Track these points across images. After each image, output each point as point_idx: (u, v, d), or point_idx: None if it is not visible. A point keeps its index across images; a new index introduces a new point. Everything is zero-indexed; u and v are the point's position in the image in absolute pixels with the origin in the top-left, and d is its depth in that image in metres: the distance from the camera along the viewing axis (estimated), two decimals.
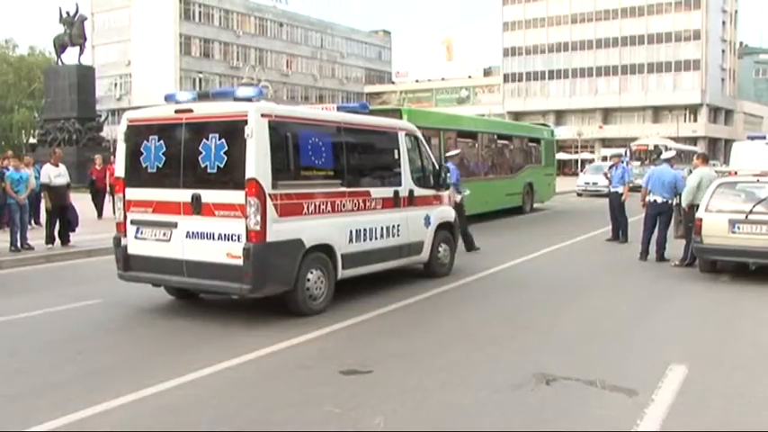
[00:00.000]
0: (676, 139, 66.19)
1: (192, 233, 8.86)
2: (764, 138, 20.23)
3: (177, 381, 6.35)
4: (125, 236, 9.58)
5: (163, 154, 9.23)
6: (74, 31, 44.61)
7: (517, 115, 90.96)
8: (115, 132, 12.44)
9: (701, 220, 11.87)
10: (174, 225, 9.02)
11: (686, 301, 10.37)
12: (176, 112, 9.18)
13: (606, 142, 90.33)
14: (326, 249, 9.44)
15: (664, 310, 9.70)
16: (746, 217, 11.41)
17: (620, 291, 11.19)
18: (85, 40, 46.74)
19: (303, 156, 9.24)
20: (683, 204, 13.11)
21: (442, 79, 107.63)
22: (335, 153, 9.80)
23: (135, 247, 9.49)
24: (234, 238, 8.51)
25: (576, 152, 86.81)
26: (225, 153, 8.64)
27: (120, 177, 9.74)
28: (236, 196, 8.48)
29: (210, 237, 8.70)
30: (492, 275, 12.51)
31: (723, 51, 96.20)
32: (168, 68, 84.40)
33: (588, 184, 39.21)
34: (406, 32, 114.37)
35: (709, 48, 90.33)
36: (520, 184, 25.71)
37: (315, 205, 9.28)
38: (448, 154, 16.68)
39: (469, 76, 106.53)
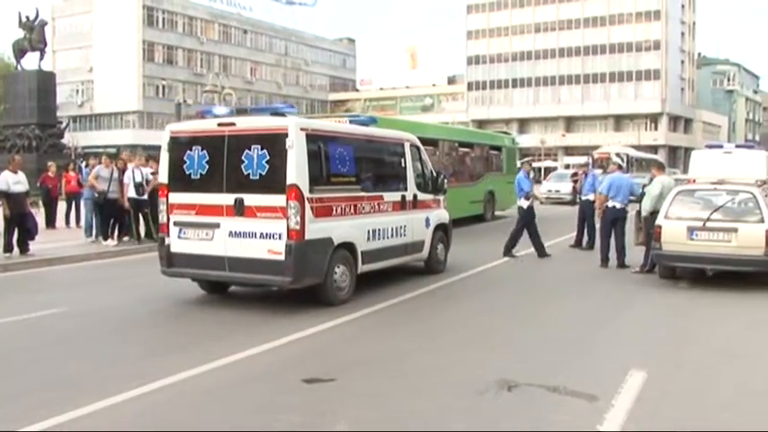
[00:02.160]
0: (638, 147, 66.74)
1: (235, 232, 9.91)
2: (722, 146, 20.55)
3: (139, 390, 6.29)
4: (168, 236, 10.56)
5: (206, 162, 10.23)
6: (34, 35, 43.95)
7: (481, 123, 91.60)
8: (77, 139, 12.71)
9: (660, 227, 12.05)
10: (217, 225, 10.05)
11: (646, 307, 10.51)
12: (219, 125, 10.21)
13: (569, 150, 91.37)
14: (350, 247, 10.67)
15: (624, 316, 9.82)
16: (704, 224, 11.62)
17: (582, 297, 11.31)
18: (46, 45, 46.08)
19: (332, 164, 10.45)
20: (644, 212, 13.31)
21: (407, 87, 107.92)
22: (356, 161, 11.07)
23: (178, 245, 10.48)
24: (275, 236, 9.63)
25: (540, 160, 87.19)
26: (267, 162, 9.73)
27: (164, 183, 10.71)
28: (277, 200, 9.61)
29: (252, 235, 9.80)
30: (456, 282, 12.62)
31: (682, 62, 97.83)
32: (131, 75, 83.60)
33: (551, 191, 39.52)
34: (370, 40, 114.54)
35: (668, 58, 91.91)
36: (481, 192, 25.61)
37: (341, 208, 10.52)
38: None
39: (434, 84, 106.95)
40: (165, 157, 10.72)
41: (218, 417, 5.72)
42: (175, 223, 10.53)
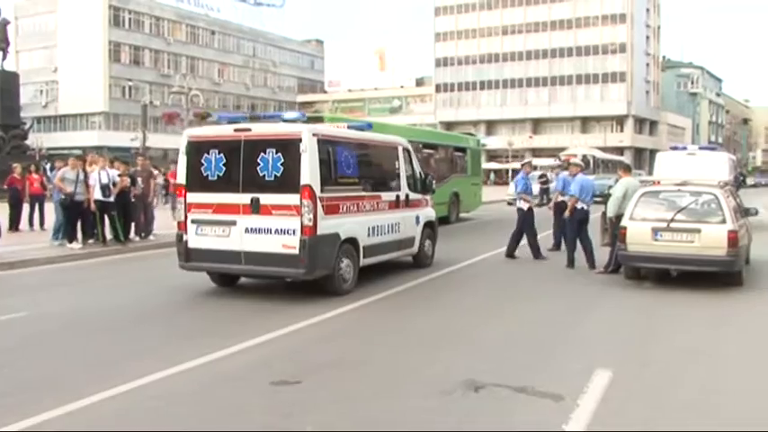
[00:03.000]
0: (604, 149, 67.57)
1: (251, 229, 10.90)
2: (686, 148, 20.85)
3: (106, 394, 6.22)
4: (186, 233, 11.51)
5: (223, 165, 11.20)
6: None
7: (449, 125, 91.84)
8: (41, 141, 13.20)
9: (625, 228, 12.18)
10: (234, 223, 11.03)
11: (611, 308, 10.60)
12: (236, 130, 11.20)
13: (536, 152, 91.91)
14: (353, 242, 11.73)
15: (590, 317, 9.91)
16: (668, 225, 11.75)
17: (550, 298, 11.37)
18: (8, 44, 45.54)
19: (339, 166, 11.52)
20: (610, 214, 13.45)
21: (375, 89, 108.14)
22: (358, 164, 12.19)
23: (195, 241, 11.45)
24: (290, 232, 10.66)
25: (508, 161, 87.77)
26: (281, 164, 10.74)
27: (182, 184, 11.64)
28: (292, 199, 10.64)
29: (268, 231, 10.80)
30: (424, 284, 12.69)
31: (647, 65, 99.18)
32: (97, 75, 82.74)
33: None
34: (338, 42, 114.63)
35: (634, 61, 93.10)
36: (446, 194, 25.34)
37: (346, 206, 11.59)
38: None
39: (402, 86, 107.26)
40: (182, 159, 11.65)
41: (185, 419, 5.69)
42: (193, 221, 11.46)
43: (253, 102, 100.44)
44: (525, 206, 16.01)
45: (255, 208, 10.85)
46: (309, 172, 10.61)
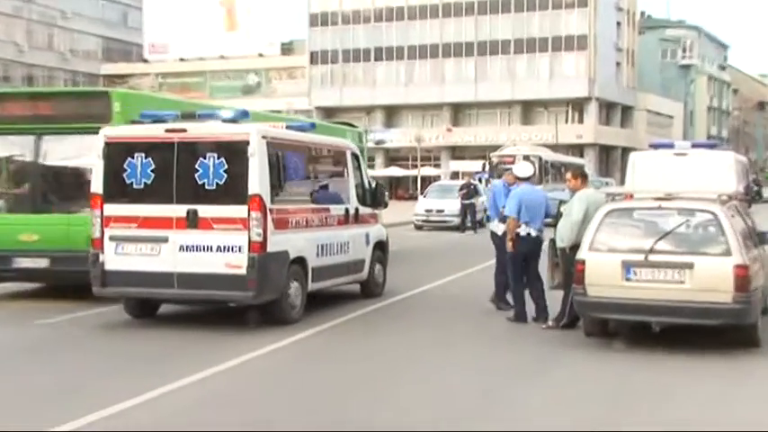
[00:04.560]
0: (555, 148, 67.43)
1: (187, 246, 13.08)
2: (672, 146, 20.93)
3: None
4: (102, 252, 13.43)
5: (152, 171, 13.21)
6: None
7: (330, 112, 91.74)
8: None
9: (583, 262, 12.12)
10: (165, 239, 13.14)
11: (565, 378, 10.66)
12: (167, 131, 13.36)
13: (457, 151, 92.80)
14: (302, 262, 14.06)
15: (534, 390, 9.98)
16: (646, 257, 11.77)
17: (486, 361, 11.65)
18: None
19: (288, 173, 13.99)
20: (562, 243, 13.44)
21: (221, 57, 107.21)
22: (306, 171, 15.22)
23: (115, 262, 13.41)
24: (235, 249, 12.86)
25: (416, 166, 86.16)
26: (225, 171, 12.94)
27: (97, 193, 13.56)
28: (237, 210, 12.85)
29: (208, 249, 12.99)
30: (345, 323, 14.52)
31: (618, 24, 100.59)
32: None
33: (431, 212, 40.32)
34: None
35: (598, 19, 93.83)
36: None
37: (296, 220, 14.09)
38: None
39: (261, 55, 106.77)
40: (98, 165, 13.56)
41: None
42: (112, 238, 13.42)
43: (30, 72, 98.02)
44: (500, 230, 15.45)
45: (193, 221, 12.98)
46: (259, 180, 12.78)
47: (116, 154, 13.38)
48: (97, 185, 13.52)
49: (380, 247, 17.44)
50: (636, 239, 12.15)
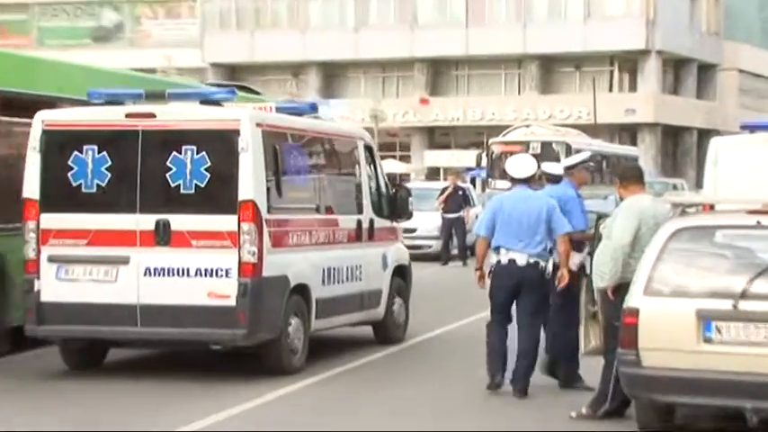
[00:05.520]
0: (593, 131, 49.43)
1: (155, 270, 11.10)
2: None
3: None
4: (38, 278, 11.40)
5: (107, 169, 11.25)
6: None
7: (235, 71, 69.91)
8: None
9: (635, 313, 9.15)
10: (124, 261, 11.15)
11: None
12: (129, 116, 11.43)
13: (437, 136, 71.86)
14: (304, 291, 12.08)
15: None
16: (736, 305, 8.76)
17: None
18: None
19: (289, 174, 12.25)
20: (602, 282, 10.09)
21: None
22: (310, 171, 13.11)
23: (56, 292, 11.35)
24: (220, 273, 10.99)
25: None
26: (207, 169, 11.06)
27: (32, 199, 11.48)
28: (223, 222, 11.04)
29: (184, 273, 11.05)
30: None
31: None
32: None
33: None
34: None
35: None
36: None
37: (297, 235, 12.18)
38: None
39: None
40: (33, 159, 11.52)
41: None
42: (52, 258, 11.39)
43: None
44: (576, 262, 11.99)
45: (163, 237, 11.10)
46: (253, 181, 11.00)
47: (58, 146, 11.55)
48: (31, 189, 11.50)
49: (401, 273, 15.07)
50: (720, 276, 9.23)
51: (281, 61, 73.68)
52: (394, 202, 15.00)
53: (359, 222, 13.78)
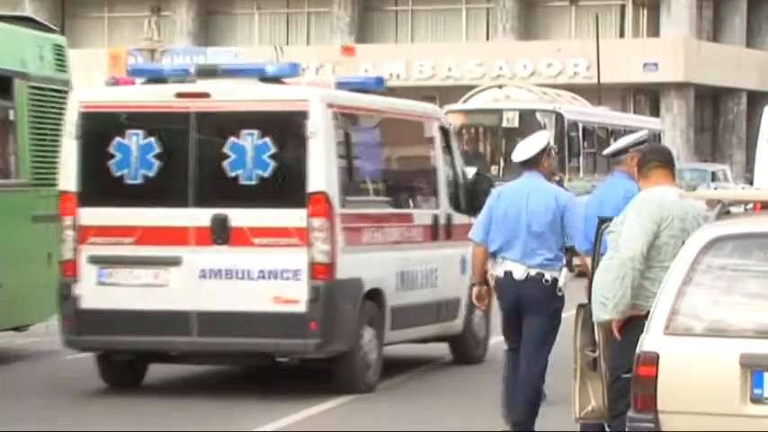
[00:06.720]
0: (587, 92, 41.49)
1: (211, 272, 10.47)
2: None
3: None
4: (77, 281, 10.63)
5: (154, 157, 10.63)
6: None
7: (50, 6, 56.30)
8: None
9: (652, 359, 6.93)
10: (176, 262, 10.53)
11: None
12: (180, 95, 10.80)
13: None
14: (378, 297, 11.32)
15: None
16: None
17: None
18: None
19: (363, 162, 11.75)
20: (604, 314, 7.54)
21: None
22: (383, 158, 12.60)
23: (97, 297, 10.64)
24: (287, 275, 10.37)
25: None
26: (270, 157, 10.45)
27: (69, 191, 10.79)
28: (290, 217, 10.37)
29: (245, 275, 10.43)
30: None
31: None
32: None
33: None
34: None
35: None
36: None
37: (370, 233, 11.56)
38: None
39: None
40: (70, 147, 10.82)
41: None
42: (92, 260, 10.66)
43: None
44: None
45: (221, 234, 10.45)
46: (325, 170, 10.41)
47: (98, 131, 10.86)
48: (68, 180, 10.81)
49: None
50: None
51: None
52: (473, 195, 13.35)
53: (435, 218, 12.78)
